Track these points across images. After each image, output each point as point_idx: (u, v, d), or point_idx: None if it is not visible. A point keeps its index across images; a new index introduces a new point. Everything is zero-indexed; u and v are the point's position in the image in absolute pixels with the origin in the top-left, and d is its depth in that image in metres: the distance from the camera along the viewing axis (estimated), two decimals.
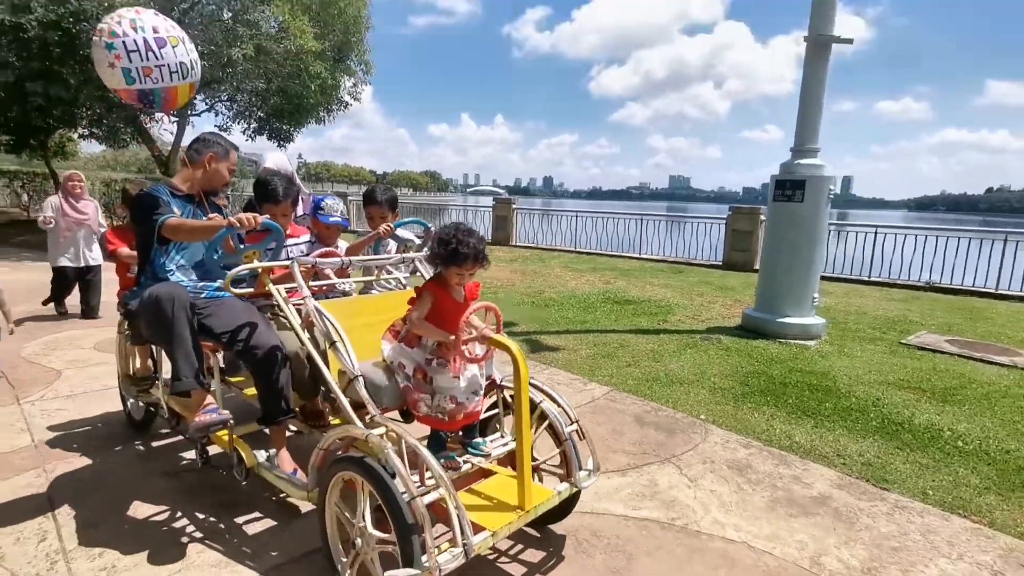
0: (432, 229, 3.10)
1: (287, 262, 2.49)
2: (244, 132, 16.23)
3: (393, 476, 1.92)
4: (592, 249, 14.09)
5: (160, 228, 2.53)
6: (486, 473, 2.43)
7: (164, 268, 2.66)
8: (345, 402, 2.19)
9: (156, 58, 2.73)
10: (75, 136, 20.72)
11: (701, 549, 2.53)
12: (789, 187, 5.99)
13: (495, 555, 2.43)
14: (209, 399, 2.59)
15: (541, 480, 2.58)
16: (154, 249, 2.64)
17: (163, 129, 18.64)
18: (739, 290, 8.72)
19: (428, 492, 1.93)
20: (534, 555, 2.44)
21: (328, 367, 2.29)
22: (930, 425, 3.82)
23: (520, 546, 2.50)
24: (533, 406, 2.42)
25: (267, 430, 2.69)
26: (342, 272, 2.86)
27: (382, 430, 2.07)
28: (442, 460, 2.18)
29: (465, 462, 2.33)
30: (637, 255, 13.17)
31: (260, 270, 2.47)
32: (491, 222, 15.34)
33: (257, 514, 2.66)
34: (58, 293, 6.42)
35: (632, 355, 5.28)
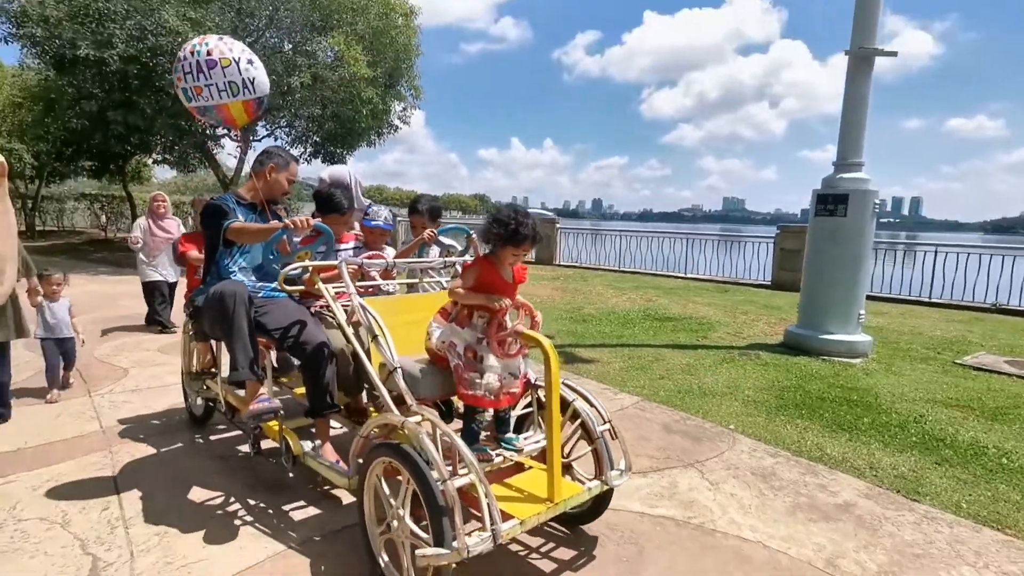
0: (474, 236, 3.27)
1: (336, 262, 2.70)
2: (301, 156, 17.04)
3: (428, 462, 2.03)
4: (637, 268, 14.03)
5: (225, 231, 2.82)
6: (519, 469, 2.53)
7: (228, 269, 2.95)
8: (385, 393, 2.34)
9: (205, 78, 2.99)
10: (149, 162, 22.26)
11: (715, 546, 2.57)
12: (831, 201, 5.93)
13: (525, 551, 2.52)
14: (262, 390, 2.82)
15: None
16: (219, 251, 2.93)
17: (228, 154, 19.80)
18: (785, 309, 8.54)
19: (460, 477, 2.05)
20: (564, 553, 2.51)
21: (371, 361, 2.44)
22: (974, 442, 3.72)
23: (551, 544, 2.57)
24: (566, 404, 2.49)
25: (312, 429, 2.90)
26: (387, 274, 3.06)
27: (418, 418, 2.20)
28: (475, 452, 2.26)
29: (497, 455, 2.42)
30: (683, 275, 13.01)
31: (311, 269, 2.68)
32: None
33: (301, 502, 2.87)
34: (155, 308, 6.61)
35: (666, 368, 5.31)
